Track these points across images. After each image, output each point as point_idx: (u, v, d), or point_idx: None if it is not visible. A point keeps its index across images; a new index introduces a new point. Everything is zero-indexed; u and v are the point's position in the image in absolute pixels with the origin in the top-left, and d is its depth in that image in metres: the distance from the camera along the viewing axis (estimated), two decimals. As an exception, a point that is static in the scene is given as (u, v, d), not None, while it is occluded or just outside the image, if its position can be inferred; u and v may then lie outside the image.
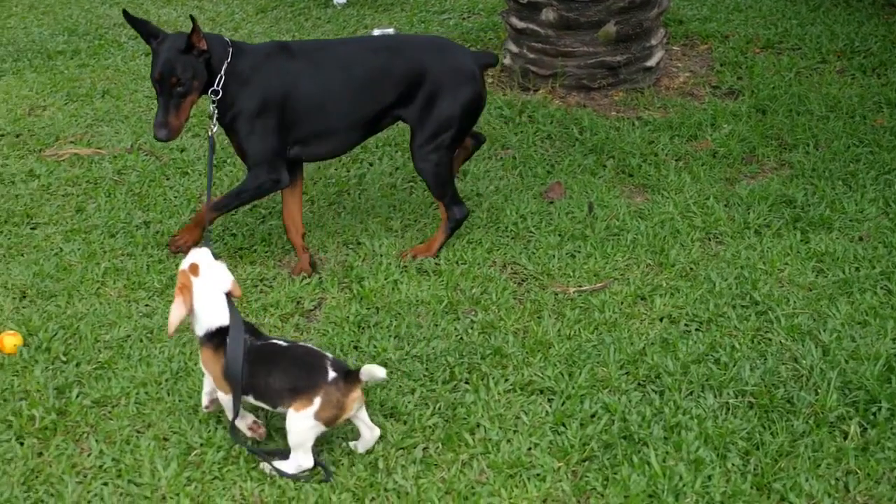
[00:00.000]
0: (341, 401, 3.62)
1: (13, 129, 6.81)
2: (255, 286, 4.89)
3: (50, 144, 6.56)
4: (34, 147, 6.52)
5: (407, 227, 5.36)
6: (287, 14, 9.28)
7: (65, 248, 5.25)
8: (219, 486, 3.67)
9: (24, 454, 3.82)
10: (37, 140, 6.61)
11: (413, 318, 4.60)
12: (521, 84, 7.21)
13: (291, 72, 4.86)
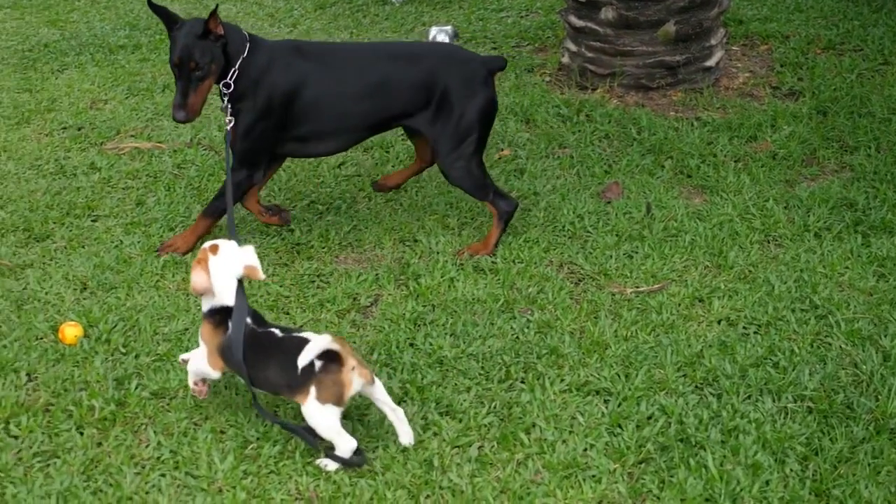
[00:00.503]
0: (338, 379, 3.64)
1: (75, 122, 6.89)
2: (312, 282, 4.91)
3: (111, 138, 6.63)
4: (95, 140, 6.59)
5: (464, 225, 5.36)
6: (345, 10, 9.31)
7: (125, 241, 5.30)
8: (274, 480, 3.69)
9: (84, 444, 3.86)
10: (98, 133, 6.68)
11: (469, 317, 4.59)
12: (579, 83, 7.18)
13: (301, 72, 4.95)
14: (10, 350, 4.38)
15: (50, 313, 4.68)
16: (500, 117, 6.63)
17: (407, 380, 4.15)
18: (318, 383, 3.65)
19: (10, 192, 5.86)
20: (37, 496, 3.60)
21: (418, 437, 3.83)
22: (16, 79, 7.84)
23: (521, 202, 5.57)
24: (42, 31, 9.14)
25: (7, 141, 6.59)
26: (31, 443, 3.87)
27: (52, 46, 8.61)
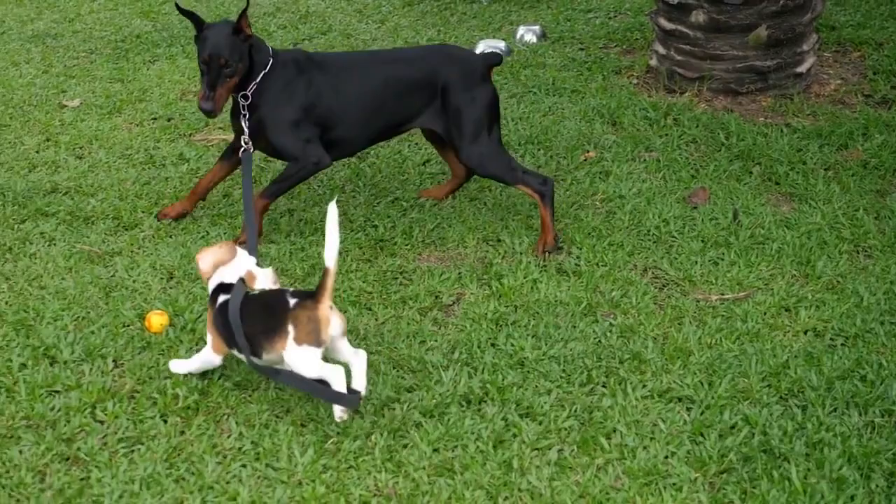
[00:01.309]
0: (314, 316, 3.83)
1: (165, 113, 6.98)
2: (395, 278, 4.93)
3: (199, 129, 6.71)
4: (184, 131, 6.68)
5: (548, 227, 5.35)
6: (433, 8, 9.32)
7: (211, 232, 5.36)
8: (354, 475, 3.70)
9: (168, 431, 3.91)
10: (187, 125, 6.76)
11: (551, 319, 4.58)
12: (667, 86, 7.12)
13: (316, 86, 5.11)
14: (97, 336, 4.45)
15: (137, 301, 4.74)
16: (586, 118, 6.63)
17: (487, 380, 4.14)
18: (293, 321, 3.84)
19: (101, 180, 5.95)
20: (121, 481, 3.65)
21: (499, 438, 3.83)
22: (108, 69, 7.96)
23: (606, 205, 5.54)
24: (134, 22, 9.27)
25: (99, 130, 6.70)
26: (116, 428, 3.92)
27: (144, 37, 8.73)
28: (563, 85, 7.22)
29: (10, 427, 3.93)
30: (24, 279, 4.93)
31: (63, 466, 3.75)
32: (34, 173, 6.08)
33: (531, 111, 6.79)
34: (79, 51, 8.49)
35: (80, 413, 4.00)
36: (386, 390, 4.09)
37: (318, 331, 3.84)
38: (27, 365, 4.28)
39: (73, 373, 4.23)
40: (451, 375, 4.18)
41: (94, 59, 8.25)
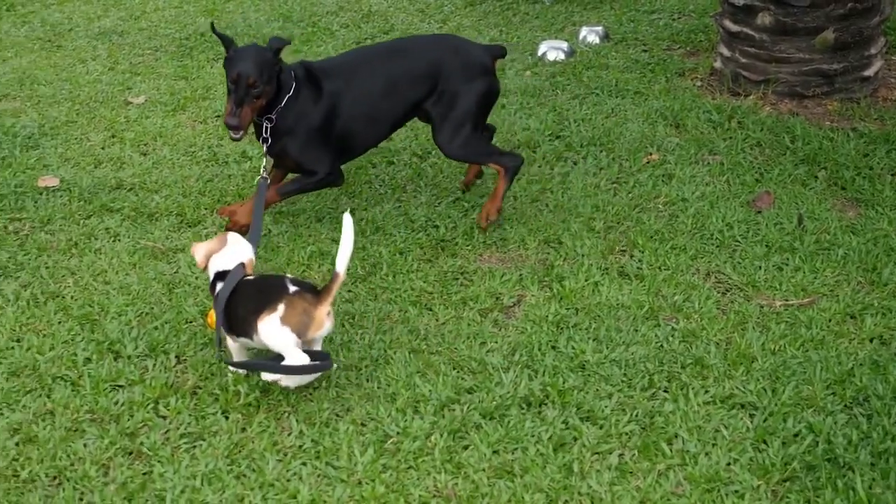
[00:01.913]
0: (310, 311, 3.92)
1: (228, 110, 7.02)
2: (456, 279, 4.92)
3: (262, 127, 6.74)
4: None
5: (610, 229, 5.31)
6: (495, 8, 9.30)
7: (273, 230, 5.38)
8: (413, 475, 3.70)
9: (229, 428, 3.93)
10: (250, 123, 6.79)
11: (613, 322, 4.55)
12: (732, 88, 7.05)
13: (333, 99, 5.16)
14: (161, 332, 4.49)
15: (199, 298, 4.78)
16: (649, 121, 6.58)
17: (548, 383, 4.13)
18: (287, 303, 3.92)
19: (165, 177, 6.01)
20: (183, 476, 3.68)
21: (560, 442, 3.81)
22: (173, 66, 8.03)
23: (669, 208, 5.49)
24: (199, 20, 9.34)
25: (163, 127, 6.76)
26: (178, 424, 3.96)
27: (209, 35, 8.78)
28: (625, 87, 7.18)
29: (75, 420, 3.97)
30: (89, 274, 4.99)
31: (126, 460, 3.79)
32: (100, 169, 6.14)
33: (593, 113, 6.75)
34: (144, 48, 8.57)
35: (143, 408, 4.04)
36: (446, 391, 4.08)
37: (306, 325, 3.94)
38: (92, 359, 4.33)
39: (137, 368, 4.27)
40: (511, 377, 4.17)
41: (159, 57, 8.32)
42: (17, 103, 7.35)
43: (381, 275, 4.94)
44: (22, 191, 5.81)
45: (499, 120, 6.67)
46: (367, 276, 4.93)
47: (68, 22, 9.41)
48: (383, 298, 4.76)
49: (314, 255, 5.11)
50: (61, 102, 7.31)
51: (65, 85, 7.68)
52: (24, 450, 3.83)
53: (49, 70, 8.05)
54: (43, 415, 4.02)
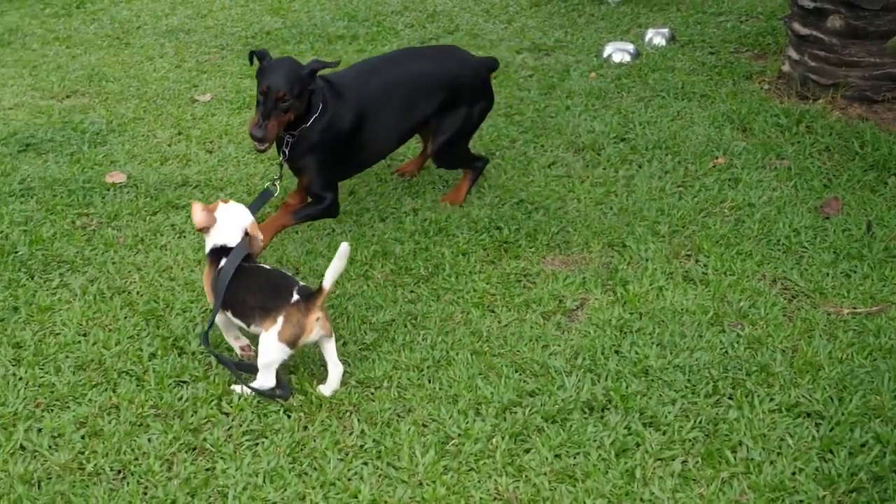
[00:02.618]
0: (302, 321, 4.01)
1: (293, 109, 7.05)
2: (519, 281, 4.90)
3: (326, 126, 6.76)
4: (312, 128, 6.73)
5: (675, 233, 5.26)
6: (560, 9, 9.28)
7: (336, 229, 5.40)
8: (474, 478, 3.69)
9: (291, 426, 3.94)
10: (314, 121, 6.82)
11: (677, 327, 4.50)
12: (800, 92, 6.96)
13: (360, 116, 5.13)
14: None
15: (263, 296, 4.80)
16: (715, 124, 6.52)
17: (611, 387, 4.10)
18: (286, 315, 4.01)
19: (230, 174, 6.05)
20: (245, 473, 3.70)
21: (622, 447, 3.78)
22: (238, 64, 8.09)
23: (735, 213, 5.43)
24: (265, 18, 9.40)
25: (228, 125, 6.81)
26: (241, 421, 3.98)
27: (274, 34, 8.85)
28: (692, 89, 7.12)
29: (140, 415, 4.01)
30: (155, 270, 5.03)
31: (189, 456, 3.81)
32: (166, 166, 6.20)
33: (659, 115, 6.70)
34: (210, 46, 8.64)
35: (206, 404, 4.06)
36: (508, 393, 4.07)
37: (297, 336, 4.02)
38: (157, 355, 4.37)
39: (201, 364, 4.30)
40: (573, 381, 4.14)
41: (225, 55, 8.39)
42: (85, 100, 7.45)
43: (444, 276, 4.93)
44: (90, 186, 5.87)
45: (563, 122, 6.66)
46: (429, 277, 4.93)
47: (136, 19, 9.52)
48: (446, 299, 4.75)
49: (377, 254, 5.12)
50: (129, 99, 7.40)
51: (132, 82, 7.76)
52: (89, 443, 3.87)
53: (117, 67, 8.15)
54: (108, 409, 4.06)
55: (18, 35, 9.18)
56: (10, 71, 8.17)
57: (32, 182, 6.00)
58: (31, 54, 8.63)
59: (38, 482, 3.69)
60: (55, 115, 7.10)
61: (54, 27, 9.42)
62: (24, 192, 5.88)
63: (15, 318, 4.66)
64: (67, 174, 6.09)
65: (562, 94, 7.18)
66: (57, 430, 3.93)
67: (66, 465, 3.75)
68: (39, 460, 3.79)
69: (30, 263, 5.09)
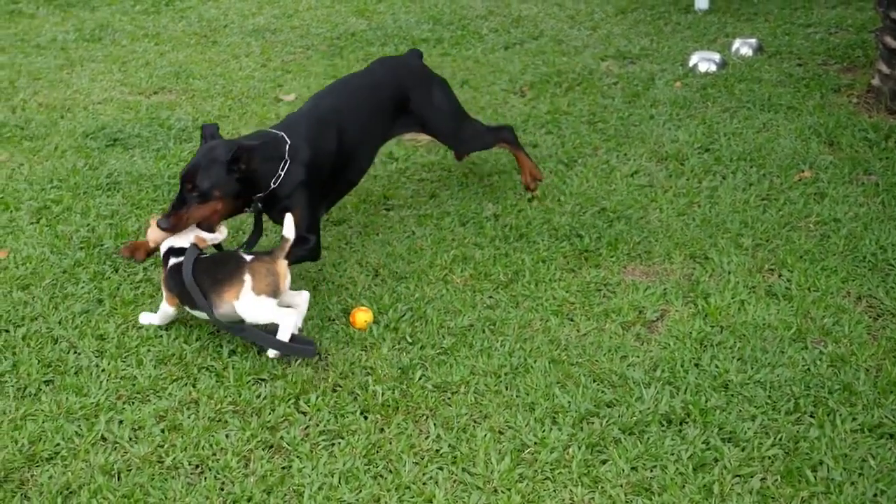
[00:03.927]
0: (272, 268, 4.24)
1: (376, 111, 7.09)
2: (599, 290, 4.87)
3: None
4: (394, 130, 6.76)
5: (758, 246, 5.19)
6: (646, 17, 9.22)
7: (416, 232, 5.41)
8: (549, 487, 3.67)
9: (367, 428, 3.95)
10: (397, 124, 6.85)
11: (758, 342, 4.44)
12: (890, 107, 6.84)
13: (332, 146, 4.93)
14: (304, 328, 4.54)
15: (342, 296, 4.82)
16: (802, 137, 6.43)
17: (690, 401, 4.05)
18: (251, 271, 4.21)
19: (313, 174, 6.08)
20: (321, 473, 3.72)
21: (700, 462, 3.74)
22: (323, 65, 8.15)
23: (820, 228, 5.35)
24: (350, 20, 9.47)
25: (312, 125, 6.85)
26: (318, 420, 4.00)
27: (359, 36, 8.91)
28: (778, 101, 7.03)
29: (218, 411, 4.05)
30: (236, 267, 5.08)
31: (266, 454, 3.84)
32: (250, 164, 6.25)
33: (744, 127, 6.63)
34: (296, 46, 8.72)
35: (284, 402, 4.09)
36: (585, 403, 4.04)
37: (276, 283, 4.23)
38: (236, 352, 4.41)
39: (280, 363, 4.33)
40: (652, 393, 4.11)
41: (310, 55, 8.46)
42: (172, 96, 7.55)
43: (524, 282, 4.92)
44: (175, 182, 5.94)
45: (647, 130, 6.61)
46: (508, 283, 4.92)
47: (224, 18, 9.63)
48: (525, 306, 4.74)
49: (457, 258, 5.12)
50: (215, 97, 7.48)
51: (219, 80, 7.85)
52: (168, 437, 3.91)
53: (204, 65, 8.25)
54: (188, 403, 4.11)
55: (109, 31, 9.34)
56: (99, 66, 8.32)
57: (119, 176, 6.09)
58: (120, 50, 8.77)
59: (118, 473, 3.74)
60: (142, 111, 7.21)
61: (143, 24, 9.57)
62: (111, 186, 5.98)
63: (99, 311, 4.73)
64: (153, 169, 6.18)
65: (646, 103, 7.13)
66: (137, 423, 3.98)
67: (146, 458, 3.80)
68: (120, 452, 3.85)
69: (115, 257, 5.17)
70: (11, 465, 3.76)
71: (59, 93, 7.71)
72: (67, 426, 3.97)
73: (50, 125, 7.02)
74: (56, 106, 7.42)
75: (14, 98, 7.60)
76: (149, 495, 3.63)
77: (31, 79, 8.06)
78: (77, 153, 6.52)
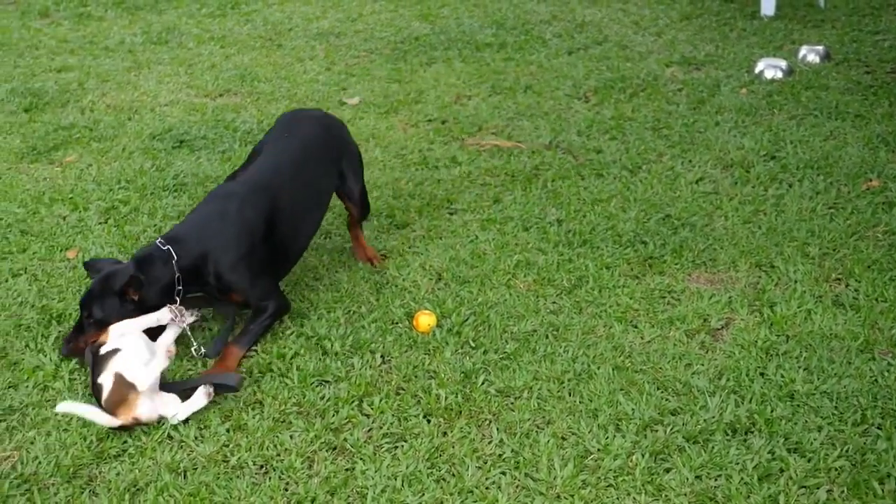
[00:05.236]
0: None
1: (440, 115, 7.11)
2: (663, 297, 4.85)
3: (472, 134, 6.80)
4: (457, 134, 6.78)
5: (825, 255, 5.14)
6: (711, 23, 9.16)
7: (480, 237, 5.41)
8: (613, 494, 3.65)
9: (430, 432, 3.96)
10: (461, 128, 6.87)
11: (825, 352, 4.39)
12: (960, 116, 6.75)
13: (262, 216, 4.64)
14: (367, 331, 4.56)
15: (406, 300, 4.84)
16: (870, 145, 6.36)
17: (755, 410, 4.02)
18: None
19: (377, 177, 6.12)
20: (384, 476, 3.73)
21: (765, 472, 3.70)
22: (387, 69, 8.18)
23: (889, 238, 5.28)
24: (413, 24, 9.49)
25: (376, 129, 6.89)
26: (381, 423, 4.01)
27: (423, 40, 8.93)
28: (846, 109, 6.95)
29: (283, 412, 4.07)
30: (300, 269, 5.11)
31: (330, 455, 3.85)
32: (314, 167, 6.29)
33: (811, 135, 6.56)
34: (359, 50, 8.76)
35: (347, 404, 4.11)
36: (649, 411, 4.02)
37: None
38: (300, 353, 4.43)
39: (344, 365, 4.35)
40: (717, 402, 4.07)
41: (374, 59, 8.49)
42: (237, 99, 7.61)
43: (587, 288, 4.90)
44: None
45: (712, 137, 6.57)
46: (572, 289, 4.91)
47: (288, 21, 9.70)
48: (588, 312, 4.73)
49: (520, 263, 5.12)
50: (279, 100, 7.54)
51: (283, 83, 7.91)
52: (233, 436, 3.94)
53: (269, 68, 8.32)
54: (252, 404, 4.14)
55: (175, 34, 9.44)
56: (166, 69, 8.41)
57: (185, 178, 6.16)
58: (186, 53, 8.87)
59: (184, 471, 3.78)
60: (208, 113, 7.28)
61: (209, 27, 9.67)
62: (178, 187, 6.05)
63: (166, 310, 4.78)
64: (219, 171, 6.24)
65: (711, 109, 7.09)
66: (203, 422, 4.02)
67: (211, 457, 3.83)
68: (186, 450, 3.88)
69: (181, 257, 5.22)
70: (80, 462, 3.81)
71: (126, 95, 7.81)
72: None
73: (118, 126, 7.11)
74: (124, 107, 7.51)
75: (83, 99, 7.71)
76: (214, 494, 3.66)
77: (99, 81, 8.18)
78: (144, 154, 6.60)
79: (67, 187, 6.12)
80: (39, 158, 6.62)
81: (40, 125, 7.17)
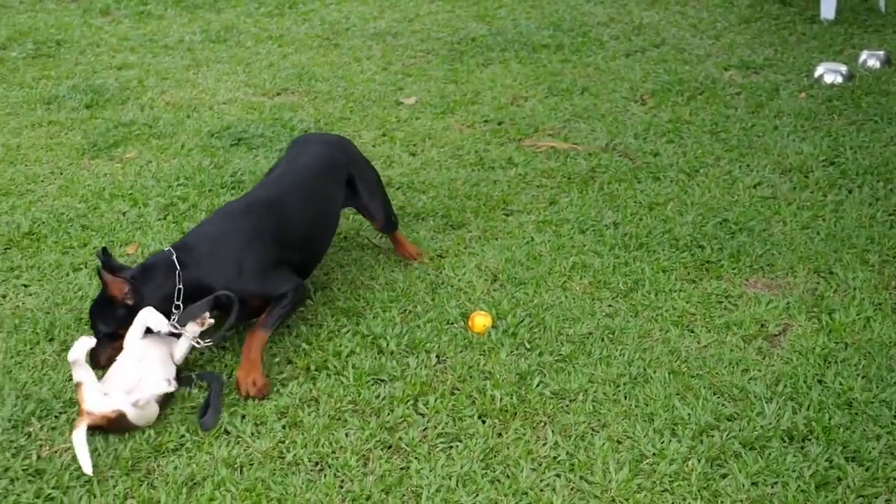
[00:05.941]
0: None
1: (496, 116, 7.12)
2: (720, 302, 4.82)
3: (529, 135, 6.80)
4: (514, 136, 6.78)
5: (885, 263, 5.08)
6: (770, 27, 9.09)
7: (535, 238, 5.41)
8: (668, 499, 3.64)
9: (485, 432, 3.96)
10: (517, 129, 6.86)
11: (884, 360, 4.35)
12: None
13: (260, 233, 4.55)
14: (423, 331, 4.57)
15: (461, 300, 4.84)
16: (932, 152, 6.28)
17: (813, 417, 3.98)
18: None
19: (433, 178, 6.13)
20: (438, 475, 3.74)
21: (823, 480, 3.67)
22: (443, 69, 8.19)
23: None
24: (470, 25, 9.50)
25: (432, 129, 6.90)
26: (436, 423, 4.02)
27: (479, 41, 8.93)
28: (907, 115, 6.88)
29: (338, 410, 4.09)
30: (356, 268, 5.14)
31: (385, 454, 3.87)
32: (370, 167, 6.32)
33: (871, 140, 6.49)
34: (416, 50, 8.78)
35: (402, 404, 4.12)
36: (705, 416, 4.00)
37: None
38: (356, 352, 4.46)
39: (399, 364, 4.37)
40: (773, 408, 4.04)
41: (431, 60, 8.51)
42: (295, 98, 7.66)
43: (643, 292, 4.88)
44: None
45: (770, 142, 6.52)
46: (628, 292, 4.89)
47: (346, 21, 9.74)
48: (644, 316, 4.71)
49: (576, 266, 5.11)
50: (336, 99, 7.57)
51: (340, 82, 7.95)
52: (289, 433, 3.97)
53: (326, 67, 8.36)
54: (308, 401, 4.16)
55: (234, 33, 9.52)
56: (224, 67, 8.48)
57: (243, 175, 6.20)
58: (244, 52, 8.93)
59: (240, 467, 3.81)
60: (266, 112, 7.33)
61: (267, 26, 9.73)
62: (235, 184, 6.09)
63: (223, 307, 4.82)
64: (276, 169, 6.27)
65: (770, 114, 7.03)
66: (260, 419, 4.05)
67: (267, 453, 3.86)
68: (242, 446, 3.92)
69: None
70: (139, 455, 3.86)
71: (185, 92, 7.88)
72: (192, 418, 4.06)
73: (177, 124, 7.18)
74: (183, 105, 7.59)
75: (143, 97, 7.79)
76: (270, 490, 3.69)
77: (159, 78, 8.26)
78: (203, 152, 6.66)
79: (127, 183, 6.19)
80: (100, 154, 6.70)
81: (101, 122, 7.26)
